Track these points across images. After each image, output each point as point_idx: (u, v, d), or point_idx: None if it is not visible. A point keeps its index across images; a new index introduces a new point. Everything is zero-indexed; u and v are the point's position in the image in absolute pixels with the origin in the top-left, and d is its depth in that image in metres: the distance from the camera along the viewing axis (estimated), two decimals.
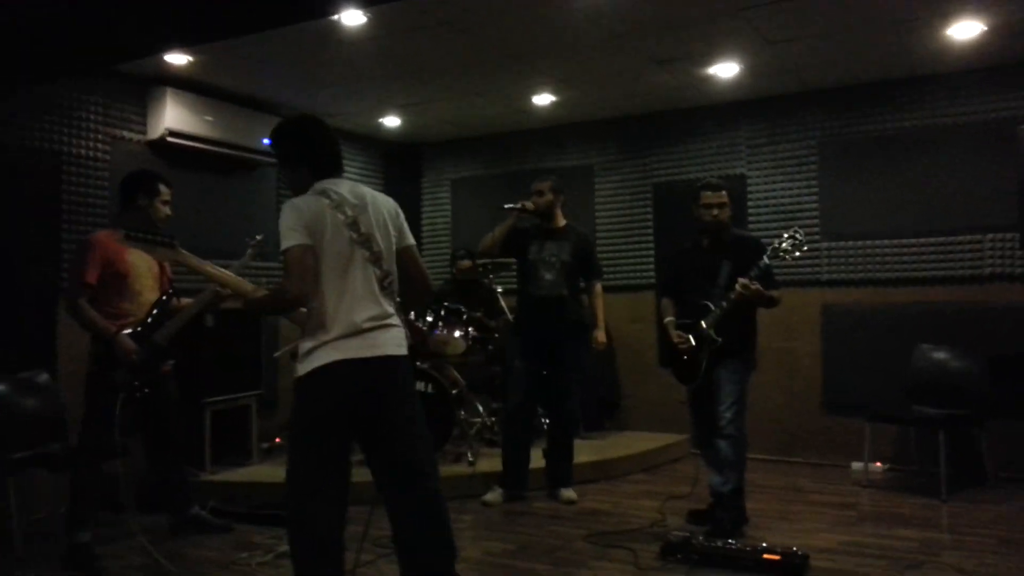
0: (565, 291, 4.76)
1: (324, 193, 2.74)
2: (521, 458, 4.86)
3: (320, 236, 2.65)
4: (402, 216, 2.94)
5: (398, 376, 2.74)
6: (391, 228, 2.85)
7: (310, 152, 2.83)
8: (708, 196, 4.12)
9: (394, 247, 2.84)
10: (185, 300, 4.05)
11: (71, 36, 3.71)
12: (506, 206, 4.75)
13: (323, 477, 2.66)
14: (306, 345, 2.66)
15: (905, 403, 5.23)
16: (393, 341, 2.73)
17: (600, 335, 4.91)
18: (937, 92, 5.57)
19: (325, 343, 2.62)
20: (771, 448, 5.92)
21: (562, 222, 4.88)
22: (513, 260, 4.96)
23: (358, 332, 2.64)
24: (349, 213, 2.73)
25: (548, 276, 4.76)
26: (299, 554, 2.66)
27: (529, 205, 4.74)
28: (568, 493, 4.81)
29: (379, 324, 2.70)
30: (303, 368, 2.64)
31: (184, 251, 3.03)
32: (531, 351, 4.80)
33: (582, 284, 4.94)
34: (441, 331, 5.44)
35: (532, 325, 4.82)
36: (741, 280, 3.84)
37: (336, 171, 2.86)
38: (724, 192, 4.14)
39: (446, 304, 5.57)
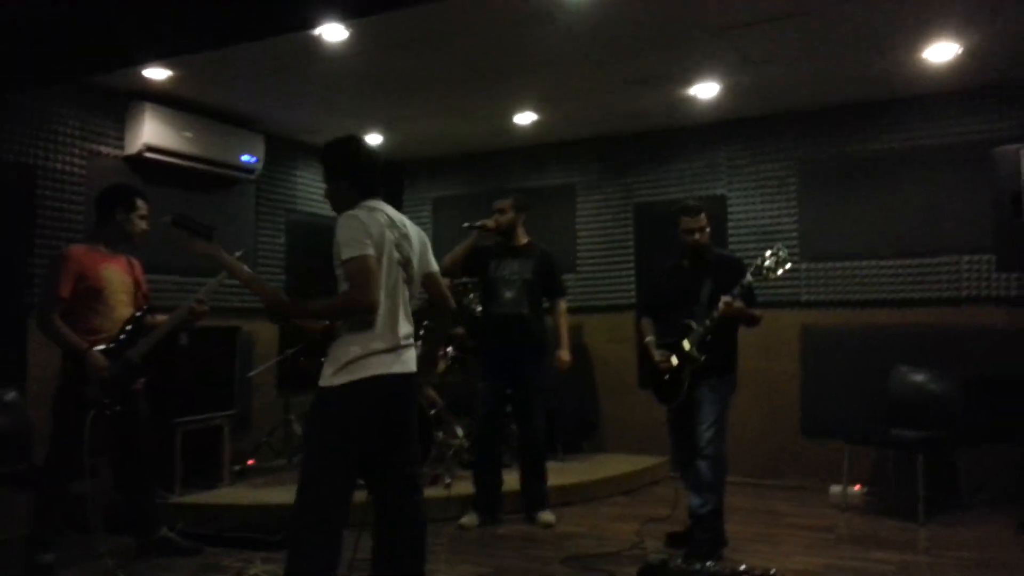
0: (526, 309, 4.69)
1: (376, 211, 2.88)
2: (491, 482, 4.76)
3: (380, 251, 2.80)
4: (428, 243, 3.12)
5: (414, 392, 2.97)
6: (419, 253, 3.03)
7: (358, 170, 2.96)
8: (687, 221, 4.12)
9: (418, 272, 3.02)
10: (160, 317, 3.99)
11: (45, 48, 3.68)
12: (465, 225, 4.74)
13: (346, 487, 2.79)
14: (352, 353, 2.75)
15: (883, 426, 5.22)
16: (414, 359, 2.94)
17: (563, 354, 4.82)
18: (914, 114, 5.62)
19: (372, 355, 2.75)
20: (749, 471, 5.88)
21: (524, 239, 4.83)
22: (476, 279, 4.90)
23: (396, 348, 2.83)
24: (398, 234, 2.91)
25: (508, 294, 4.70)
26: (311, 564, 2.70)
27: (490, 223, 4.70)
28: (545, 516, 4.72)
29: (409, 342, 2.91)
30: (347, 376, 2.72)
31: (220, 248, 3.09)
32: (493, 371, 4.74)
33: (546, 304, 4.87)
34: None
35: (493, 344, 4.77)
36: (724, 298, 3.84)
37: (378, 191, 2.99)
38: (702, 215, 4.13)
39: (425, 323, 5.52)
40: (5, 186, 4.65)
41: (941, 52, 4.74)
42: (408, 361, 2.87)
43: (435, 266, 3.12)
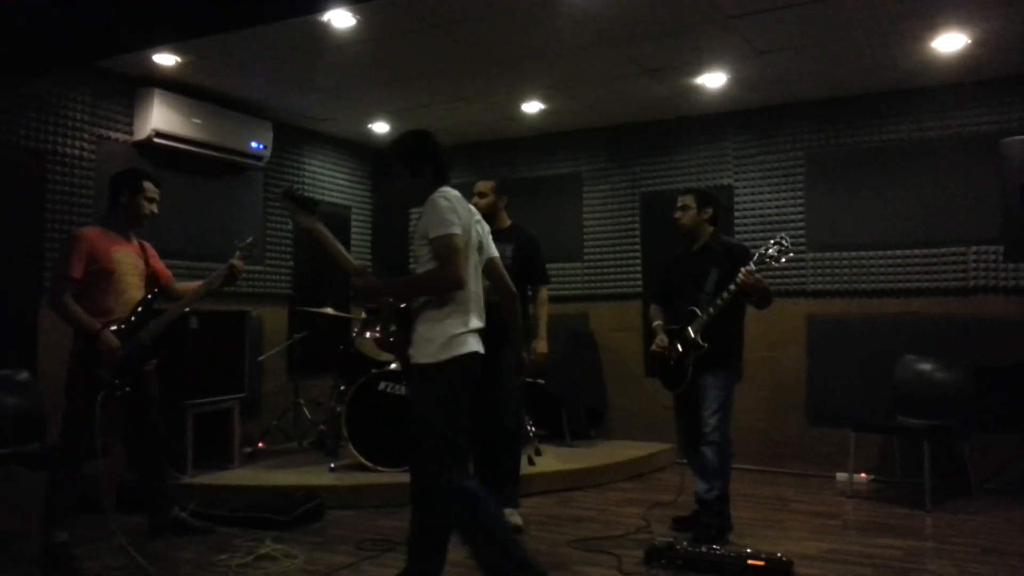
0: None
1: (458, 196, 3.00)
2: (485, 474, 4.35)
3: (466, 233, 2.96)
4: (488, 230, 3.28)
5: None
6: (486, 237, 3.22)
7: (436, 159, 3.07)
8: (677, 200, 4.26)
9: (483, 257, 3.19)
10: (192, 283, 4.13)
11: (54, 31, 3.70)
12: None
13: (465, 451, 3.06)
14: (452, 330, 2.89)
15: (889, 414, 5.24)
16: None
17: (540, 345, 4.54)
18: (922, 105, 5.63)
19: (469, 332, 2.95)
20: (756, 458, 5.92)
21: (507, 223, 4.56)
22: None
23: (478, 329, 3.02)
24: (473, 219, 3.08)
25: (486, 280, 4.51)
26: (474, 523, 2.86)
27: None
28: (513, 518, 4.27)
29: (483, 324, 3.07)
30: (451, 351, 2.88)
31: (321, 225, 3.24)
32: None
33: (530, 292, 4.58)
34: None
35: None
36: (744, 268, 3.85)
37: (448, 179, 3.10)
38: (689, 196, 4.22)
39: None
40: (16, 171, 4.68)
41: (950, 43, 4.74)
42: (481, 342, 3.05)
43: (496, 251, 3.29)
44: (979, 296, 5.42)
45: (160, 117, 5.26)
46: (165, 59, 4.95)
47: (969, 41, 4.70)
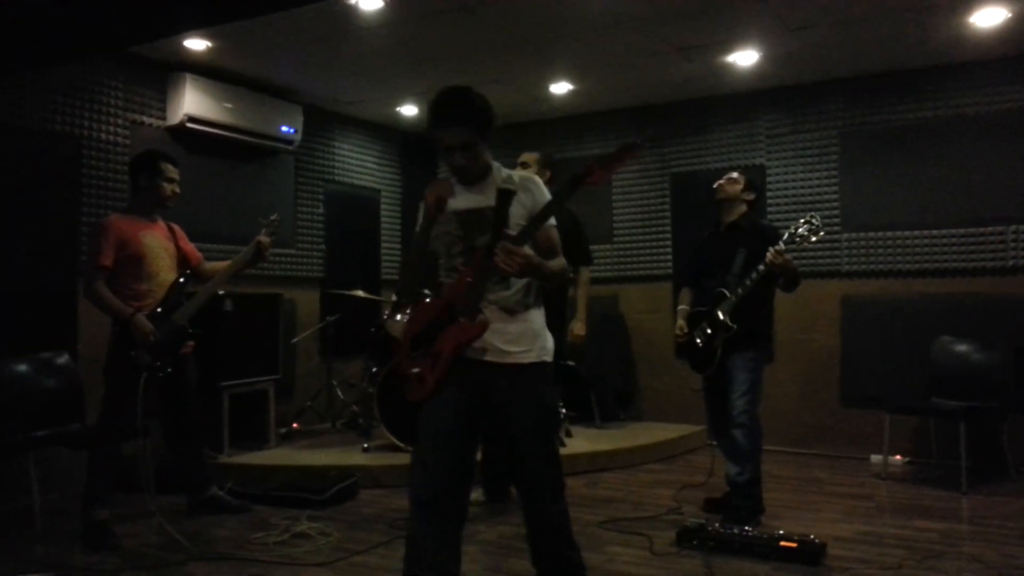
0: None
1: None
2: (498, 463, 4.34)
3: None
4: None
5: None
6: None
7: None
8: (726, 175, 4.26)
9: None
10: (220, 263, 4.17)
11: (88, 18, 3.73)
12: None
13: None
14: (545, 330, 2.68)
15: (925, 396, 5.17)
16: None
17: (578, 327, 4.52)
18: (960, 81, 5.50)
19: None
20: (789, 440, 5.88)
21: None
22: None
23: None
24: None
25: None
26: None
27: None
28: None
29: None
30: (551, 353, 2.67)
31: None
32: None
33: (571, 273, 4.42)
34: None
35: None
36: (773, 248, 3.81)
37: None
38: (739, 175, 4.23)
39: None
40: (53, 156, 4.76)
41: (989, 17, 4.62)
42: None
43: None
44: (1019, 276, 5.31)
45: (192, 102, 5.31)
46: (196, 44, 4.99)
47: (1009, 15, 4.57)
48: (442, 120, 2.56)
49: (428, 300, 2.70)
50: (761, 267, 3.86)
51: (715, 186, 4.24)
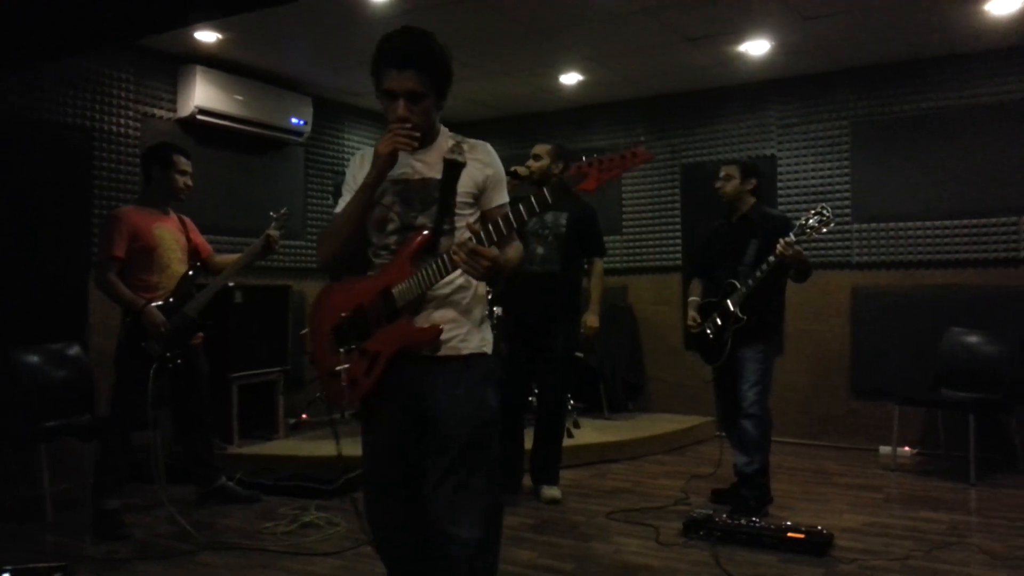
0: (558, 267, 4.27)
1: None
2: (513, 450, 4.36)
3: None
4: None
5: None
6: None
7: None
8: (720, 170, 4.22)
9: None
10: (230, 256, 4.19)
11: (98, 10, 3.75)
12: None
13: None
14: (486, 320, 2.32)
15: (934, 387, 5.15)
16: None
17: (591, 319, 4.42)
18: (973, 70, 5.45)
19: None
20: (798, 431, 5.87)
21: None
22: None
23: None
24: None
25: (540, 250, 4.29)
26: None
27: (522, 170, 4.29)
28: (551, 491, 4.31)
29: None
30: (491, 346, 2.30)
31: None
32: (519, 333, 4.34)
33: (586, 264, 4.47)
34: None
35: (520, 304, 4.36)
36: (784, 239, 3.79)
37: None
38: (733, 167, 4.18)
39: None
40: (64, 148, 4.78)
41: (1003, 5, 4.57)
42: None
43: None
44: None
45: (203, 94, 5.33)
46: (207, 36, 5.00)
47: None
48: (391, 59, 2.11)
49: (353, 281, 2.24)
50: (771, 258, 3.84)
51: (716, 189, 4.22)
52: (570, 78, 6.09)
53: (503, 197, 2.24)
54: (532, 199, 1.98)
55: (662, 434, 5.76)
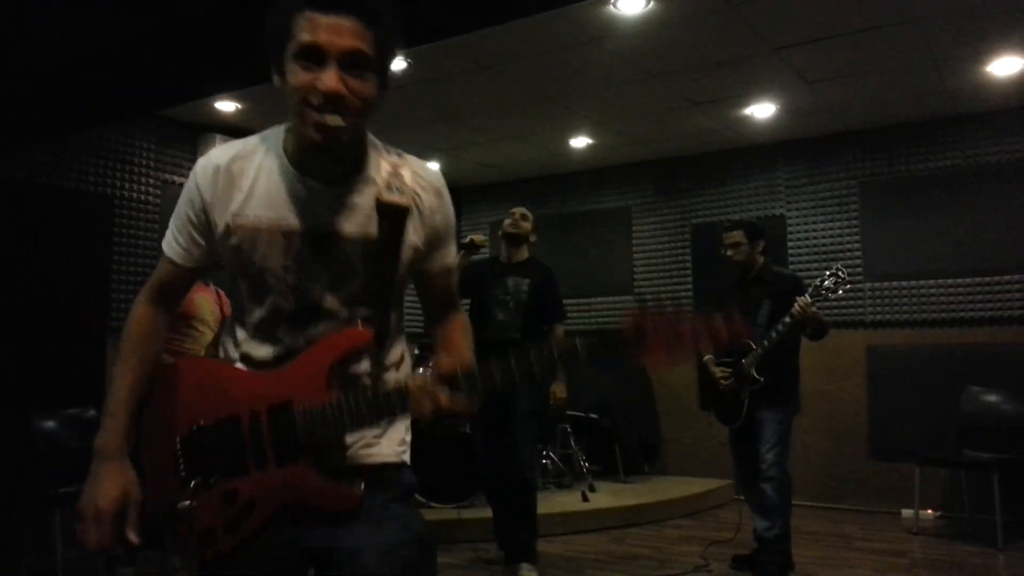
0: (517, 335, 4.09)
1: None
2: (508, 527, 4.13)
3: None
4: None
5: None
6: None
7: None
8: (724, 237, 4.19)
9: None
10: None
11: (121, 82, 3.87)
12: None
13: None
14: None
15: (956, 448, 5.08)
16: None
17: (559, 389, 4.25)
18: (979, 130, 5.52)
19: None
20: (816, 494, 5.77)
21: (525, 255, 4.27)
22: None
23: None
24: None
25: (500, 316, 4.15)
26: None
27: (478, 239, 4.21)
28: (526, 572, 3.98)
29: None
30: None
31: None
32: (485, 403, 4.09)
33: (544, 329, 4.23)
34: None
35: None
36: (800, 299, 3.78)
37: None
38: (738, 232, 4.15)
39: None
40: (86, 214, 4.88)
41: (1005, 67, 4.66)
42: None
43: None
44: None
45: None
46: (225, 106, 5.14)
47: None
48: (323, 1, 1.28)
49: (223, 366, 1.50)
50: (787, 319, 3.83)
51: (727, 257, 4.18)
52: (579, 141, 6.19)
53: (451, 256, 1.55)
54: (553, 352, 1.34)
55: (680, 498, 5.68)
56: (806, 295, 3.82)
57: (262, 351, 1.44)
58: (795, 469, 4.05)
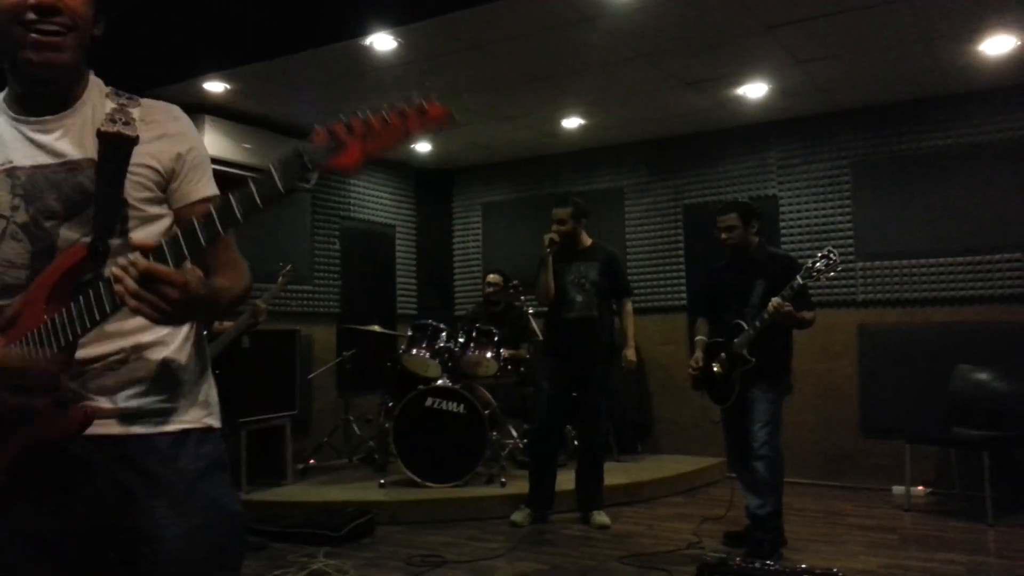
0: (596, 312, 4.70)
1: None
2: (545, 481, 4.80)
3: None
4: None
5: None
6: None
7: None
8: (719, 220, 4.18)
9: None
10: (226, 323, 4.16)
11: (108, 63, 3.84)
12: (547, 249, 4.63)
13: None
14: (208, 373, 1.73)
15: (946, 425, 5.12)
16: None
17: (630, 353, 4.88)
18: (971, 109, 5.52)
19: None
20: (809, 472, 5.81)
21: (588, 241, 4.81)
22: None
23: None
24: None
25: (579, 298, 4.70)
26: None
27: (555, 238, 4.65)
28: (600, 517, 4.72)
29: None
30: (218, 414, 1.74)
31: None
32: (561, 374, 4.73)
33: (614, 305, 4.87)
34: (473, 352, 5.44)
35: (563, 348, 4.74)
36: (774, 300, 3.80)
37: None
38: (731, 214, 4.13)
39: (478, 325, 5.60)
40: None
41: (997, 45, 4.65)
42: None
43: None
44: None
45: (211, 143, 5.40)
46: (215, 86, 5.09)
47: (1019, 43, 4.60)
48: None
49: None
50: (764, 315, 3.83)
51: (721, 240, 4.18)
52: (571, 122, 6.17)
53: (209, 187, 1.52)
54: (253, 187, 1.24)
55: (673, 476, 5.71)
56: (796, 278, 3.81)
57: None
58: (787, 447, 4.08)
